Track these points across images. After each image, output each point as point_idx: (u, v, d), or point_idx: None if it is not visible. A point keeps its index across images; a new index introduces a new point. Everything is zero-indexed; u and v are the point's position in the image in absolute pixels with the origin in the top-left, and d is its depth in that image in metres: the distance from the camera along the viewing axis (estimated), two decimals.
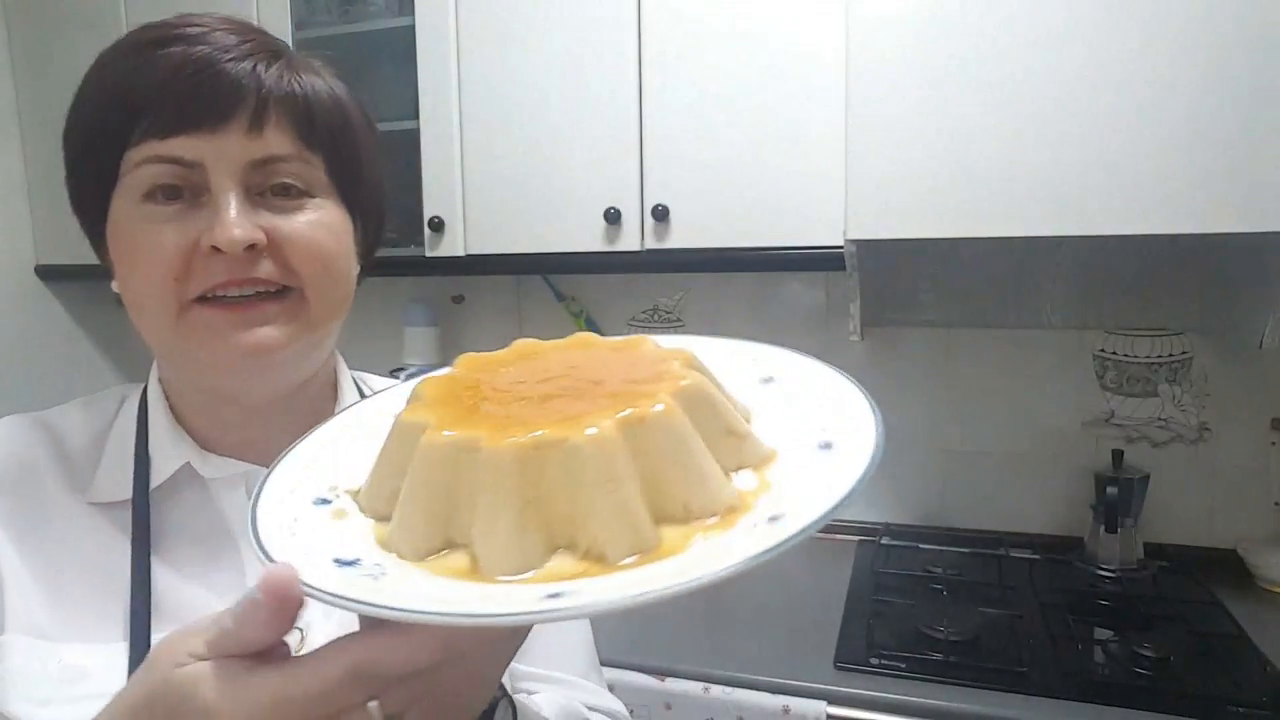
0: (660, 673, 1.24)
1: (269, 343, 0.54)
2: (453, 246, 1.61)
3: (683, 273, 1.78)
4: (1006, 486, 1.69)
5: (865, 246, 1.33)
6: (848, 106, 1.25)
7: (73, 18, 1.83)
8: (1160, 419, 1.60)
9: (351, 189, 0.60)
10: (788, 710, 1.16)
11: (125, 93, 0.53)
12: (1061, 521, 1.65)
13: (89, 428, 0.62)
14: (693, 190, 1.47)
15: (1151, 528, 1.58)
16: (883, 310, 1.70)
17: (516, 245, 1.59)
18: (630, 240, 1.51)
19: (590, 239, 1.53)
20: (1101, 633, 1.32)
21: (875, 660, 1.22)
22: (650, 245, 1.50)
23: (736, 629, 1.36)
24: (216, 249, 0.52)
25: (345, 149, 0.59)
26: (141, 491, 0.58)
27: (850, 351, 1.74)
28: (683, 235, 1.48)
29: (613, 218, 1.50)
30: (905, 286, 1.70)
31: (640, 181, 1.50)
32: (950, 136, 1.21)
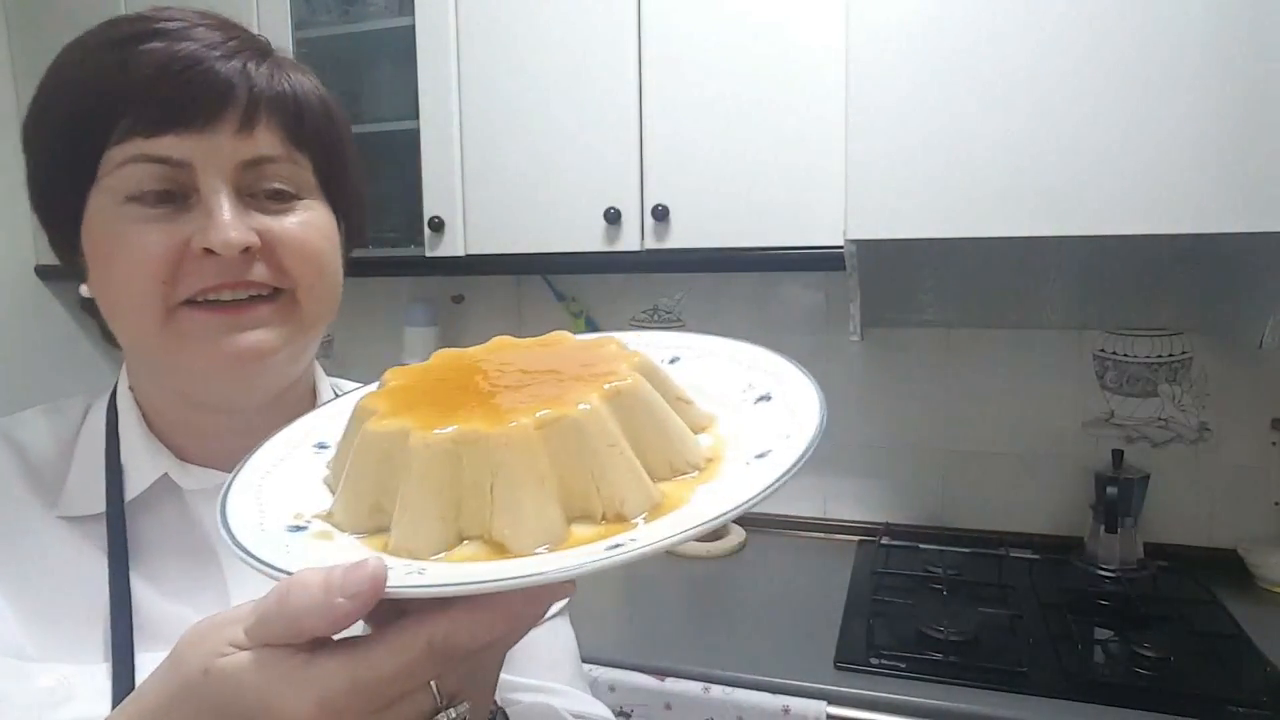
0: (660, 673, 1.24)
1: (262, 346, 0.53)
2: (453, 246, 1.61)
3: (683, 273, 1.78)
4: (1006, 486, 1.69)
5: (865, 246, 1.33)
6: (848, 106, 1.25)
7: (73, 18, 1.81)
8: (1160, 419, 1.60)
9: (337, 189, 0.59)
10: (788, 710, 1.16)
11: (105, 89, 0.51)
12: (1061, 521, 1.65)
13: (54, 437, 0.59)
14: (693, 190, 1.47)
15: (1151, 528, 1.58)
16: (883, 310, 1.70)
17: (516, 245, 1.59)
18: (630, 240, 1.51)
19: (590, 239, 1.53)
20: (1101, 633, 1.32)
21: (875, 660, 1.22)
22: (650, 245, 1.50)
23: (736, 629, 1.36)
24: (210, 251, 0.50)
25: (332, 149, 0.58)
26: (116, 504, 0.55)
27: (850, 351, 1.74)
28: (683, 235, 1.48)
29: (613, 218, 1.50)
30: (905, 286, 1.70)
31: (640, 181, 1.50)
32: (950, 136, 1.21)
